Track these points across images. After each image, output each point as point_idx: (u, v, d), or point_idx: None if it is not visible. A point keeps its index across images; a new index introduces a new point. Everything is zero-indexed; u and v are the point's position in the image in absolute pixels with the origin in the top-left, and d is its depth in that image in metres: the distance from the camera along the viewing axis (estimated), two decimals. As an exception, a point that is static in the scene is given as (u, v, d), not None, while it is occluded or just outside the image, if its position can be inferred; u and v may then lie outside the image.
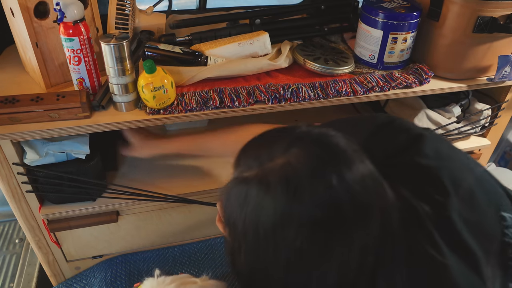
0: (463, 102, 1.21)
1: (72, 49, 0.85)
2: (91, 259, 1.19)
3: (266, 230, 0.47)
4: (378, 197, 0.49)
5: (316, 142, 0.49)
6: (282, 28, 1.14)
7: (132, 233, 1.15)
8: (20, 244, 1.42)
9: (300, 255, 0.47)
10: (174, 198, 1.05)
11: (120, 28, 1.00)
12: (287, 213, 0.46)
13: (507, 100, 1.20)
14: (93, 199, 1.02)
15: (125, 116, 0.89)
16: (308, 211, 0.45)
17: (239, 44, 1.01)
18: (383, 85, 1.00)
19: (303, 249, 0.46)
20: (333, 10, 1.20)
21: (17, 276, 1.30)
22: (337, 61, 1.03)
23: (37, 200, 0.98)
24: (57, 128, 0.85)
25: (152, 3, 1.10)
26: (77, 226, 1.05)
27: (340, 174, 0.46)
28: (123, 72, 0.86)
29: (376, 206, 0.48)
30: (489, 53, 1.03)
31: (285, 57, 1.03)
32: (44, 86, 0.94)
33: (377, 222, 0.47)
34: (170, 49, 0.98)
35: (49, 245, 1.09)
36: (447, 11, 0.98)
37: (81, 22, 0.84)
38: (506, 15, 0.95)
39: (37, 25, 0.86)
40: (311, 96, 0.96)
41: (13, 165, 0.89)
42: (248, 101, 0.93)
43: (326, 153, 0.48)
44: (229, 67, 0.98)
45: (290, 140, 0.50)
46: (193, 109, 0.91)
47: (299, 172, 0.46)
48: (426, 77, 1.03)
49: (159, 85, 0.85)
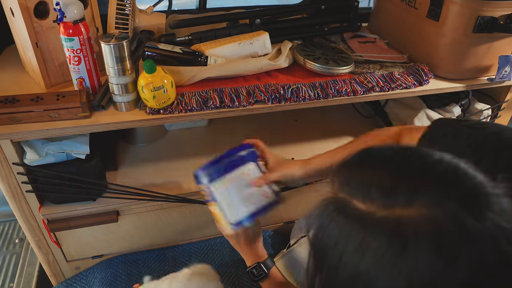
0: (463, 102, 1.21)
1: (72, 49, 0.85)
2: (91, 259, 1.19)
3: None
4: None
5: (469, 196, 0.38)
6: (282, 28, 1.14)
7: (132, 233, 1.15)
8: (20, 244, 1.42)
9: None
10: (174, 198, 1.05)
11: (120, 28, 1.00)
12: (426, 283, 0.36)
13: (507, 100, 1.20)
14: (93, 199, 1.02)
15: (125, 116, 0.89)
16: (457, 282, 0.36)
17: (239, 44, 1.01)
18: (383, 85, 1.00)
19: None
20: (333, 10, 1.21)
21: (17, 276, 1.30)
22: (337, 61, 1.03)
23: (37, 200, 0.98)
24: (57, 128, 0.85)
25: (152, 3, 1.10)
26: (77, 226, 1.05)
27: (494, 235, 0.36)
28: (123, 72, 0.86)
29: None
30: (489, 53, 1.03)
31: (285, 57, 1.03)
32: (44, 86, 0.94)
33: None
34: (170, 49, 0.98)
35: (49, 245, 1.09)
36: (447, 11, 0.98)
37: (81, 22, 0.84)
38: (506, 15, 0.95)
39: (37, 25, 0.86)
40: (311, 96, 0.96)
41: (13, 165, 0.89)
42: (248, 101, 0.93)
43: (478, 207, 0.37)
44: (229, 67, 0.98)
45: (438, 182, 0.38)
46: (193, 109, 0.91)
47: (452, 232, 0.36)
48: (426, 78, 1.03)
49: (159, 85, 0.85)
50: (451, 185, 0.38)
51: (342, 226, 0.40)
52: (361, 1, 1.24)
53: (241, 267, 1.20)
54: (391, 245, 0.36)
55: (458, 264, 0.35)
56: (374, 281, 0.37)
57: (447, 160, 0.40)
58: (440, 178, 0.39)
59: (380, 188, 0.39)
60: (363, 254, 0.37)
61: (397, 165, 0.41)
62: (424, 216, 0.36)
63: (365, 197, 0.39)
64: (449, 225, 0.36)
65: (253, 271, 0.86)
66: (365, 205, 0.39)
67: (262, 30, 1.05)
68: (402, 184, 0.38)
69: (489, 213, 0.37)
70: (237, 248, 0.91)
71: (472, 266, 0.35)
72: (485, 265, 0.36)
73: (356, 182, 0.41)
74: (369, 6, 1.82)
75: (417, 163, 0.41)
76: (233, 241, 0.91)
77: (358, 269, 0.38)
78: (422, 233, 0.36)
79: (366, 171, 0.42)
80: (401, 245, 0.36)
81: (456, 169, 0.40)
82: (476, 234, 0.36)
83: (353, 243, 0.38)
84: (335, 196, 0.42)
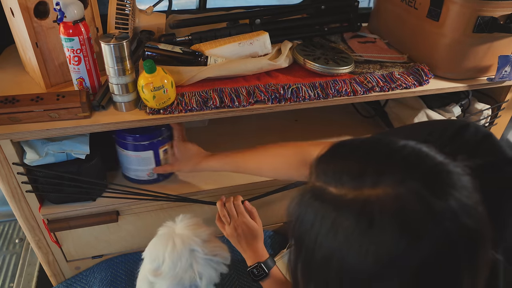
0: (463, 102, 1.21)
1: (72, 49, 0.85)
2: (91, 259, 1.19)
3: (356, 279, 0.40)
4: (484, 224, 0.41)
5: (432, 173, 0.41)
6: (282, 28, 1.14)
7: (132, 233, 1.15)
8: (20, 244, 1.42)
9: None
10: (175, 198, 1.05)
11: (120, 28, 1.00)
12: (393, 260, 0.38)
13: (507, 100, 1.20)
14: (93, 199, 1.02)
15: (125, 116, 0.89)
16: (421, 258, 0.38)
17: (239, 44, 1.01)
18: (383, 85, 1.00)
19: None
20: (333, 10, 1.21)
21: (17, 276, 1.30)
22: (337, 61, 1.03)
23: (37, 200, 0.98)
24: (57, 128, 0.85)
25: (152, 3, 1.10)
26: (77, 226, 1.05)
27: (454, 210, 0.39)
28: (123, 72, 0.86)
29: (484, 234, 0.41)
30: (489, 53, 1.03)
31: (285, 57, 1.03)
32: (44, 86, 0.94)
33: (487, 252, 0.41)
34: (170, 49, 0.98)
35: (49, 245, 1.09)
36: (447, 11, 0.98)
37: (81, 22, 0.84)
38: (506, 15, 0.95)
39: (37, 25, 0.86)
40: (311, 96, 0.96)
41: (13, 165, 0.89)
42: (248, 101, 0.93)
43: (440, 185, 0.39)
44: (229, 67, 0.98)
45: (402, 165, 0.41)
46: (193, 109, 0.91)
47: (417, 210, 0.38)
48: (426, 78, 1.03)
49: (159, 85, 0.85)
50: (415, 166, 0.41)
51: (317, 210, 0.42)
52: (361, 1, 1.24)
53: (241, 267, 1.20)
54: (358, 223, 0.39)
55: (423, 240, 0.37)
56: (346, 259, 0.40)
57: (411, 145, 0.43)
58: (404, 160, 0.42)
59: (350, 173, 0.42)
60: (335, 234, 0.40)
61: (364, 152, 0.45)
62: (389, 195, 0.39)
63: (337, 183, 0.42)
64: (413, 203, 0.38)
65: (253, 271, 0.86)
66: (337, 189, 0.42)
67: (262, 30, 1.05)
68: (370, 169, 0.41)
69: (451, 190, 0.39)
70: (238, 248, 0.91)
71: (437, 241, 0.38)
72: (448, 240, 0.38)
73: (330, 171, 0.44)
74: (369, 6, 1.82)
75: (383, 149, 0.44)
76: (233, 241, 0.91)
77: (331, 248, 0.41)
78: (387, 210, 0.38)
79: (338, 161, 0.45)
80: (367, 223, 0.38)
81: (419, 152, 0.43)
82: (438, 210, 0.38)
83: (326, 224, 0.41)
84: (312, 185, 0.45)
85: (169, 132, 1.02)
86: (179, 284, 0.84)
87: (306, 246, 0.44)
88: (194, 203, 1.08)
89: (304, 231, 0.44)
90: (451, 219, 0.38)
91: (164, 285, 0.84)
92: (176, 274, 0.83)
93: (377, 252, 0.38)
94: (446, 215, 0.38)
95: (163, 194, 1.03)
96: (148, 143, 0.99)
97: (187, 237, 0.84)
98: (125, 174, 1.08)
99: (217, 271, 0.87)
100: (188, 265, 0.83)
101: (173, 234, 0.85)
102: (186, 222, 0.87)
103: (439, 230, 0.38)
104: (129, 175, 1.07)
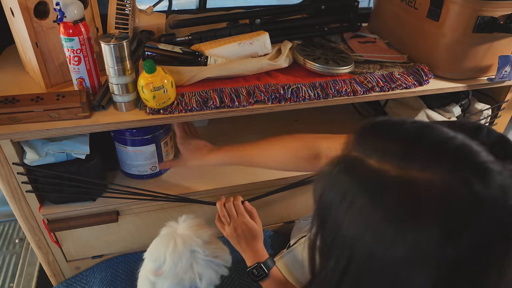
0: (463, 102, 1.21)
1: (72, 49, 0.85)
2: (91, 259, 1.19)
3: (386, 264, 0.39)
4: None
5: (481, 170, 0.40)
6: (282, 28, 1.14)
7: (132, 233, 1.15)
8: (20, 244, 1.42)
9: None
10: (174, 198, 1.05)
11: (120, 28, 1.00)
12: (430, 247, 0.37)
13: (507, 100, 1.20)
14: (93, 199, 1.02)
15: (125, 116, 0.89)
16: (459, 249, 0.37)
17: (239, 44, 1.01)
18: (383, 85, 1.00)
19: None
20: (333, 10, 1.21)
21: (17, 276, 1.30)
22: (337, 61, 1.03)
23: (37, 200, 0.98)
24: (57, 128, 0.85)
25: (152, 3, 1.10)
26: (77, 226, 1.05)
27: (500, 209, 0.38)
28: (123, 72, 0.86)
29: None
30: (489, 53, 1.03)
31: (285, 57, 1.03)
32: (44, 86, 0.93)
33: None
34: (170, 49, 0.98)
35: (49, 245, 1.09)
36: (447, 11, 0.98)
37: (81, 22, 0.84)
38: (506, 15, 0.95)
39: (37, 25, 0.86)
40: (311, 96, 0.96)
41: (13, 165, 0.89)
42: (248, 101, 0.93)
43: (489, 179, 0.39)
44: (229, 67, 0.98)
45: (452, 156, 0.40)
46: (193, 109, 0.91)
47: (463, 198, 0.37)
48: (426, 78, 1.03)
49: (159, 85, 0.85)
50: (465, 159, 0.40)
51: (351, 182, 0.40)
52: (361, 1, 1.24)
53: (241, 267, 1.20)
54: (399, 204, 0.37)
55: (465, 229, 0.36)
56: (376, 242, 0.38)
57: (461, 138, 0.42)
58: (455, 152, 0.40)
59: (396, 152, 0.40)
60: (371, 209, 0.37)
61: (413, 136, 0.42)
62: (437, 180, 0.37)
63: (380, 158, 0.40)
64: (461, 189, 0.37)
65: (253, 271, 0.86)
66: (379, 163, 0.39)
67: (262, 30, 1.05)
68: (419, 153, 0.39)
69: (498, 186, 0.38)
70: (238, 248, 0.91)
71: (478, 232, 0.37)
72: (487, 232, 0.37)
73: (375, 144, 0.42)
74: (369, 6, 1.82)
75: (433, 137, 0.42)
76: (233, 241, 0.91)
77: (361, 227, 0.38)
78: (434, 194, 0.37)
79: (383, 137, 0.43)
80: (412, 205, 0.36)
81: (470, 147, 0.41)
82: (485, 200, 0.37)
83: (360, 200, 0.38)
84: (348, 154, 0.43)
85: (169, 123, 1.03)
86: (180, 285, 0.84)
87: (334, 220, 0.42)
88: (194, 203, 1.08)
89: (332, 203, 0.41)
90: (495, 211, 0.38)
91: (165, 285, 0.84)
92: (177, 274, 0.83)
93: (415, 239, 0.37)
94: (491, 207, 0.37)
95: (163, 194, 1.03)
96: (150, 137, 1.01)
97: (188, 237, 0.84)
98: (126, 171, 1.08)
99: (217, 273, 0.87)
100: (188, 266, 0.83)
101: (174, 234, 0.85)
102: (189, 223, 0.87)
103: (483, 221, 0.37)
104: (131, 172, 1.07)
